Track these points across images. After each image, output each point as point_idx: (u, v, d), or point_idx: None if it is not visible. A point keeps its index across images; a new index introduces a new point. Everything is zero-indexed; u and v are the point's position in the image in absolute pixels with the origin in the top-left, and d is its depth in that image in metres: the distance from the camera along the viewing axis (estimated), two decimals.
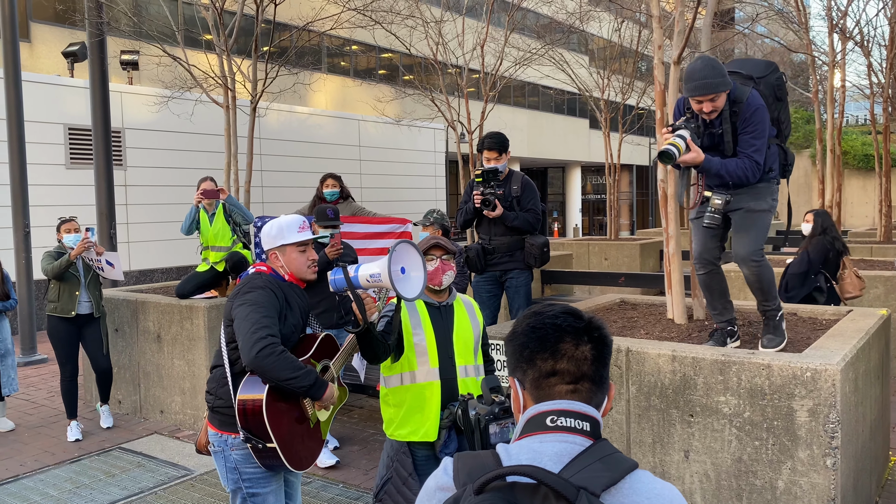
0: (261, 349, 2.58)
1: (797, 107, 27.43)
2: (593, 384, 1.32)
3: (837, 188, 8.89)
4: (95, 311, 5.87)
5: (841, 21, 8.85)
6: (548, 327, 1.33)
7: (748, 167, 3.45)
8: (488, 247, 5.44)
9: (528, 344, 1.34)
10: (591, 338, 1.33)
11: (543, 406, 1.30)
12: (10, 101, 8.73)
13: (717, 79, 3.35)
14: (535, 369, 1.32)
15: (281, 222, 2.94)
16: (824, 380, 3.15)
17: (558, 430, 1.27)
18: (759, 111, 3.48)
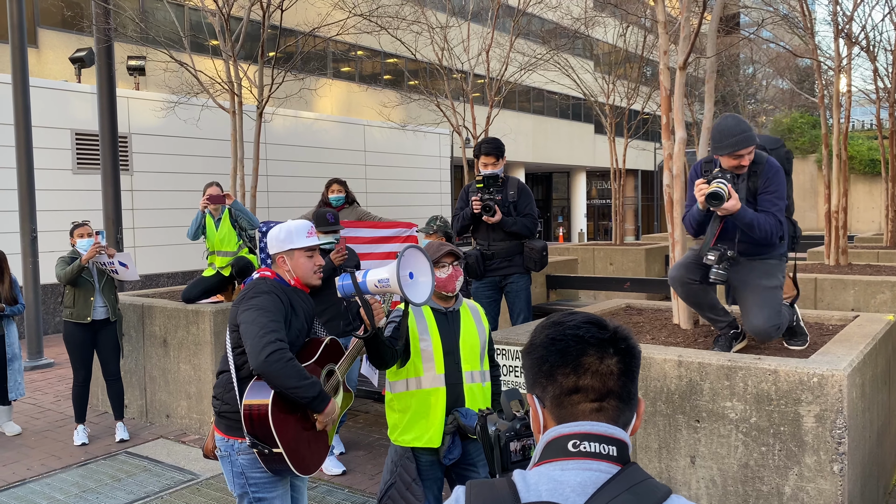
0: (270, 353, 2.59)
1: (803, 111, 27.39)
2: (620, 401, 1.21)
3: (844, 193, 8.86)
4: (112, 315, 5.84)
5: (847, 26, 8.84)
6: (569, 339, 1.22)
7: (774, 224, 3.51)
8: (487, 252, 5.45)
9: (548, 357, 1.22)
10: (618, 349, 1.22)
11: (565, 428, 1.19)
12: (17, 106, 8.78)
13: (749, 132, 3.45)
14: (555, 385, 1.21)
15: (290, 227, 2.96)
16: (831, 385, 3.14)
17: (582, 455, 1.16)
18: (780, 173, 3.58)
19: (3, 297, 5.93)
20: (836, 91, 8.69)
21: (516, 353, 4.12)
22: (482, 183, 5.34)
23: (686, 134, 4.57)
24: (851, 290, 6.99)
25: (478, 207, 5.25)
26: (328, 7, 10.67)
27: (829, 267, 8.43)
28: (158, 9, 16.42)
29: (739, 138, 3.45)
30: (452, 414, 2.98)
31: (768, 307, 3.65)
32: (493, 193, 5.35)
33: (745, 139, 3.44)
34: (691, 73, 19.13)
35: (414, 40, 11.86)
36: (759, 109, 25.23)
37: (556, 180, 38.58)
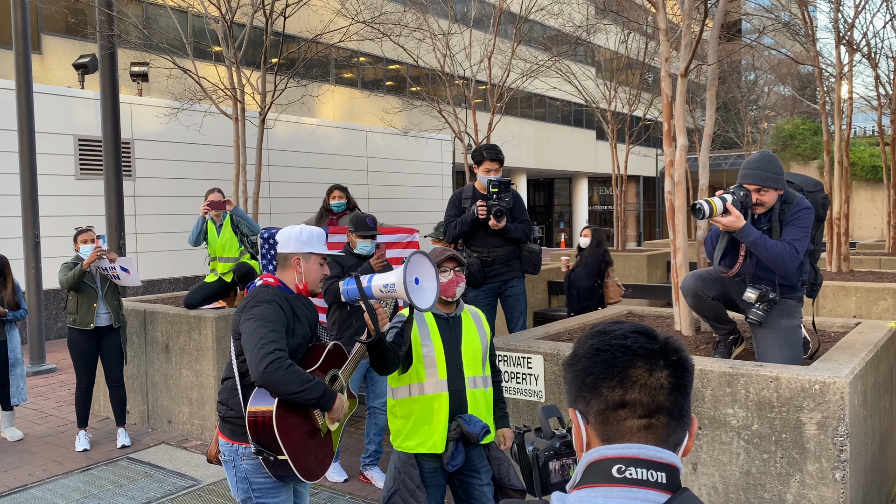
0: (268, 364, 2.59)
1: (805, 118, 27.41)
2: (671, 418, 1.11)
3: (845, 200, 8.87)
4: (115, 322, 5.84)
5: (848, 33, 8.86)
6: (615, 349, 1.13)
7: (787, 251, 3.45)
8: (487, 259, 5.42)
9: (592, 369, 1.14)
10: (669, 362, 1.12)
11: (610, 450, 1.10)
12: (21, 112, 8.81)
13: (768, 173, 3.42)
14: (600, 400, 1.12)
15: (311, 230, 2.96)
16: (833, 392, 3.14)
17: (627, 483, 1.07)
18: (807, 210, 3.54)
19: (6, 302, 5.94)
20: (838, 98, 8.70)
21: (518, 359, 4.13)
22: (497, 188, 5.29)
23: (688, 140, 4.58)
24: (853, 297, 6.99)
25: (483, 213, 5.18)
26: (331, 14, 10.71)
27: (830, 274, 8.43)
28: (161, 15, 16.49)
29: (750, 172, 3.44)
30: (456, 420, 2.99)
31: (789, 347, 3.61)
32: (503, 199, 5.31)
33: (756, 177, 3.41)
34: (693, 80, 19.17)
35: (416, 47, 11.89)
36: (761, 116, 25.25)
37: (558, 186, 38.61)
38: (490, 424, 3.09)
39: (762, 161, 3.46)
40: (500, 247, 5.40)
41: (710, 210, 3.38)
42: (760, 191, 3.45)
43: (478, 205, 5.27)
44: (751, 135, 22.62)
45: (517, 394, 4.15)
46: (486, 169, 5.33)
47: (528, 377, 4.10)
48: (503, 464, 3.13)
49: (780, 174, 3.46)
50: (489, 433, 3.03)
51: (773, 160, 3.47)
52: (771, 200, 3.49)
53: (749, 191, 3.48)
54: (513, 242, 5.45)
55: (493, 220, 5.26)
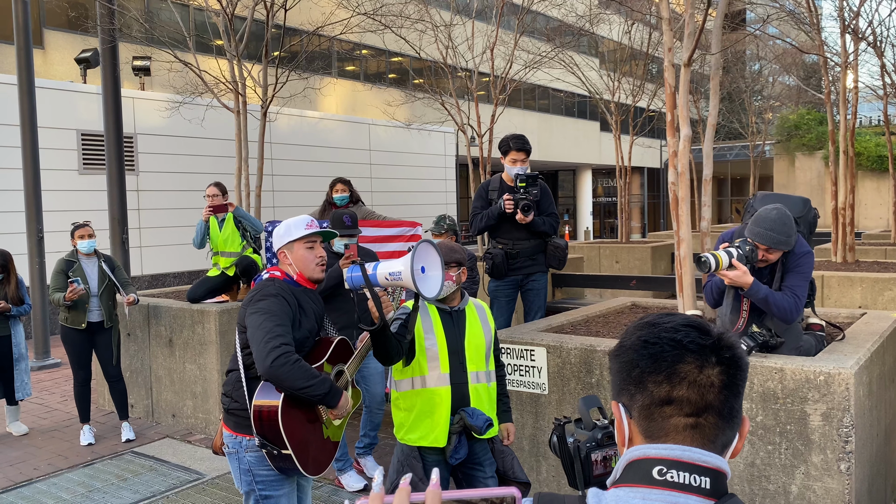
0: (275, 358, 2.59)
1: (809, 108, 27.26)
2: (720, 418, 1.05)
3: (851, 190, 8.81)
4: (106, 321, 5.86)
5: (853, 21, 8.79)
6: (664, 342, 1.08)
7: (793, 304, 3.50)
8: (512, 252, 5.34)
9: (639, 362, 1.09)
10: (721, 359, 1.06)
11: (652, 450, 1.05)
12: (23, 107, 8.80)
13: (781, 237, 3.40)
14: (645, 394, 1.08)
15: (289, 221, 2.99)
16: (838, 384, 3.12)
17: (668, 486, 1.01)
18: (808, 256, 3.58)
19: (10, 297, 5.95)
20: (843, 87, 8.64)
21: (521, 351, 4.12)
22: (525, 182, 5.19)
23: (691, 131, 4.55)
24: (859, 288, 6.96)
25: (510, 207, 5.08)
26: (332, 6, 10.67)
27: (836, 264, 8.39)
28: (163, 9, 16.45)
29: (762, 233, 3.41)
30: (459, 413, 2.98)
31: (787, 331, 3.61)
32: (530, 192, 5.21)
33: (769, 238, 3.39)
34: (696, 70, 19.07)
35: (418, 39, 11.85)
36: (766, 106, 25.12)
37: (562, 178, 38.52)
38: (493, 418, 3.08)
39: (777, 224, 3.42)
40: (526, 240, 5.32)
41: (715, 263, 3.39)
42: (769, 250, 3.46)
43: (504, 198, 5.15)
44: (755, 125, 22.51)
45: (520, 386, 4.13)
46: (513, 159, 5.22)
47: (531, 369, 4.09)
48: (507, 456, 3.12)
49: (791, 236, 3.44)
50: (492, 427, 3.02)
51: (788, 221, 3.44)
52: (776, 258, 3.52)
53: (756, 246, 3.47)
54: (539, 236, 5.38)
55: (520, 214, 5.15)
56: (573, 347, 3.94)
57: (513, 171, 5.26)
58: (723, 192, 40.51)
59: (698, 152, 23.65)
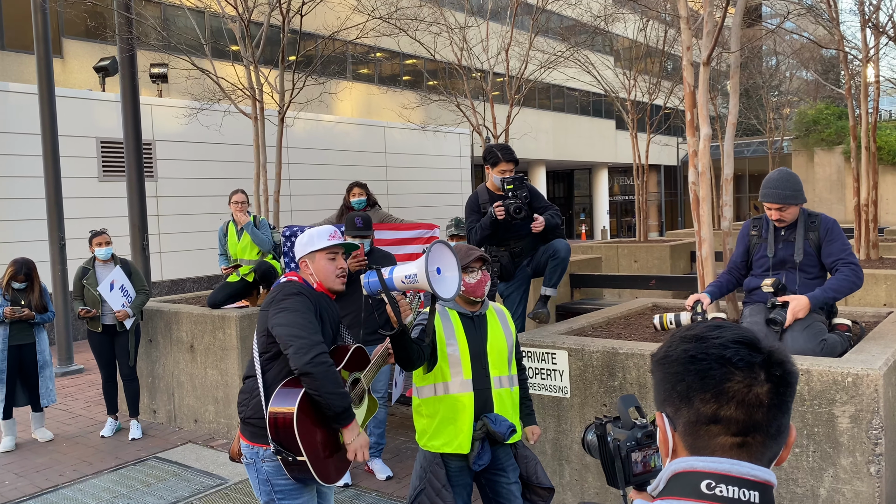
0: (316, 354, 2.61)
1: (828, 102, 26.97)
2: (767, 437, 1.03)
3: (873, 186, 8.69)
4: (118, 325, 6.12)
5: (874, 15, 8.67)
6: (712, 359, 1.04)
7: (850, 274, 3.59)
8: (515, 251, 5.25)
9: (685, 377, 1.06)
10: (771, 376, 1.03)
11: (700, 463, 1.03)
12: (44, 116, 8.91)
13: (787, 191, 3.55)
14: (691, 410, 1.05)
15: (312, 231, 3.00)
16: (866, 385, 3.08)
17: (716, 500, 1.00)
18: (834, 223, 3.72)
19: (33, 304, 6.02)
20: (864, 81, 8.53)
21: (542, 354, 4.10)
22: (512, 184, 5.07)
23: (711, 130, 4.50)
24: (883, 285, 6.86)
25: (502, 214, 4.97)
26: (347, 11, 10.70)
27: (859, 261, 8.28)
28: (179, 16, 16.59)
29: (770, 192, 3.58)
30: (481, 420, 2.96)
31: (810, 331, 3.57)
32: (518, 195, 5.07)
33: (776, 196, 3.55)
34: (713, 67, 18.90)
35: (433, 41, 11.85)
36: (784, 101, 24.88)
37: (578, 177, 38.37)
38: (516, 423, 3.06)
39: (781, 180, 3.57)
40: (524, 237, 5.24)
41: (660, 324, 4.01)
42: (782, 209, 3.57)
43: (495, 207, 5.04)
44: (773, 121, 22.29)
45: (542, 390, 4.11)
46: (502, 170, 5.14)
47: (552, 373, 4.07)
48: (530, 462, 3.10)
49: (799, 190, 3.57)
50: (515, 432, 3.00)
51: (792, 177, 3.58)
52: (792, 216, 3.62)
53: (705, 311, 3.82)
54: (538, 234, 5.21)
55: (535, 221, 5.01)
56: (595, 350, 3.92)
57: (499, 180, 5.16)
58: (741, 189, 40.16)
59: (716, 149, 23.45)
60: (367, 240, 4.82)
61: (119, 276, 6.08)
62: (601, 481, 3.93)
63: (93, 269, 6.11)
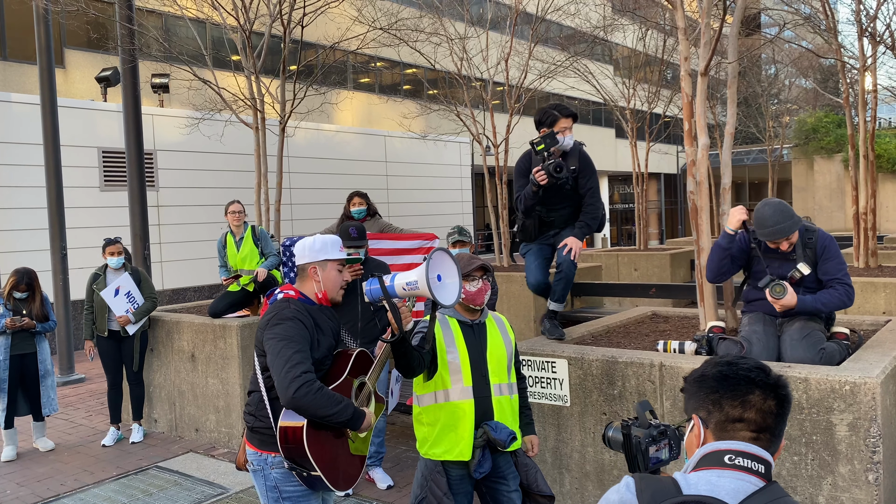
0: (297, 388, 2.58)
1: (828, 111, 27.02)
2: (772, 436, 1.47)
3: (872, 194, 8.72)
4: (122, 331, 6.24)
5: (871, 25, 8.73)
6: (740, 378, 1.49)
7: (842, 293, 3.62)
8: (546, 219, 4.83)
9: (718, 389, 1.51)
10: (778, 395, 1.48)
11: (723, 444, 1.45)
12: (46, 126, 8.96)
13: (786, 222, 3.57)
14: (721, 413, 1.49)
15: (325, 238, 2.96)
16: (864, 393, 3.09)
17: (736, 468, 1.41)
18: (830, 240, 3.73)
19: (35, 314, 6.05)
20: (862, 90, 8.57)
21: (542, 363, 4.11)
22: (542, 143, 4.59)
23: (709, 139, 4.53)
24: (882, 293, 6.88)
25: (543, 178, 4.47)
26: (348, 21, 10.77)
27: (858, 269, 8.30)
28: (181, 26, 16.67)
29: (773, 230, 3.58)
30: (482, 427, 2.98)
31: (810, 339, 3.59)
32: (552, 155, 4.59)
33: (780, 231, 3.57)
34: (712, 75, 18.98)
35: (433, 51, 11.91)
36: (783, 110, 24.94)
37: None
38: (516, 431, 3.08)
39: (777, 215, 3.57)
40: (562, 208, 4.76)
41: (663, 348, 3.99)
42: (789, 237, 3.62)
43: (535, 172, 4.56)
44: (773, 129, 22.35)
45: (542, 398, 4.13)
46: (562, 128, 4.64)
47: (552, 381, 4.09)
48: (531, 469, 3.11)
49: (793, 215, 3.59)
50: (516, 440, 3.02)
51: (783, 207, 3.60)
52: (796, 237, 3.66)
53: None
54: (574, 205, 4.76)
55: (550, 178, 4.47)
56: (595, 359, 3.94)
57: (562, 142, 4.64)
58: (741, 197, 40.17)
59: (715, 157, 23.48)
60: (361, 250, 4.86)
61: (126, 282, 6.19)
62: (601, 490, 3.94)
63: (104, 275, 6.28)
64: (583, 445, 4.00)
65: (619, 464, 3.87)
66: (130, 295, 6.21)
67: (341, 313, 4.67)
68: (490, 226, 12.10)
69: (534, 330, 8.70)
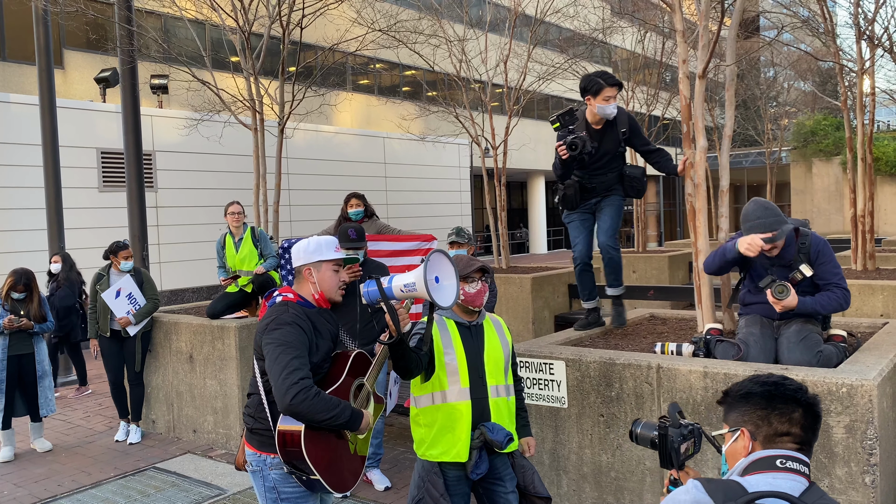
0: (294, 395, 2.58)
1: (826, 114, 27.07)
2: (810, 447, 1.73)
3: (870, 197, 8.73)
4: (123, 332, 6.28)
5: (869, 28, 8.75)
6: (787, 398, 1.73)
7: (840, 296, 3.59)
8: (588, 185, 4.85)
9: (766, 407, 1.74)
10: (814, 412, 1.73)
11: (773, 451, 1.69)
12: (45, 126, 8.96)
13: (770, 219, 3.51)
14: (770, 428, 1.71)
15: (319, 239, 2.95)
16: (861, 395, 3.10)
17: (788, 470, 1.64)
18: (825, 244, 3.68)
19: (33, 314, 6.05)
20: (860, 93, 8.58)
21: (540, 365, 4.12)
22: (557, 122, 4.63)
23: (707, 141, 4.53)
24: (880, 296, 6.89)
25: (564, 153, 4.52)
26: (347, 23, 10.77)
27: (856, 272, 8.31)
28: (180, 27, 16.68)
29: (754, 224, 3.54)
30: (479, 429, 2.98)
31: (807, 342, 3.59)
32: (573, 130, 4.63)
33: (762, 225, 3.50)
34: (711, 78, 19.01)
35: (432, 53, 11.92)
36: (782, 112, 24.98)
37: None
38: (513, 432, 3.08)
39: (759, 209, 3.54)
40: (602, 174, 4.83)
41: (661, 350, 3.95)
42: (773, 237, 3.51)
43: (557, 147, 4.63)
44: (771, 132, 22.38)
45: (539, 400, 4.13)
46: (606, 97, 4.62)
47: (550, 383, 4.09)
48: (527, 471, 3.12)
49: (780, 214, 3.54)
50: (513, 441, 3.02)
51: (767, 205, 3.56)
52: (782, 244, 3.58)
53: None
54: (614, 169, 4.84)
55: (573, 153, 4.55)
56: (592, 361, 3.94)
57: (606, 111, 4.65)
58: (739, 199, 40.21)
59: (713, 160, 23.51)
60: (360, 251, 4.86)
61: (128, 283, 6.23)
62: (598, 492, 3.95)
63: (107, 275, 6.32)
64: (580, 447, 4.00)
65: (616, 466, 3.88)
66: (132, 296, 6.25)
67: (340, 315, 4.67)
68: (489, 227, 12.11)
69: (532, 331, 8.70)
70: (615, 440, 3.87)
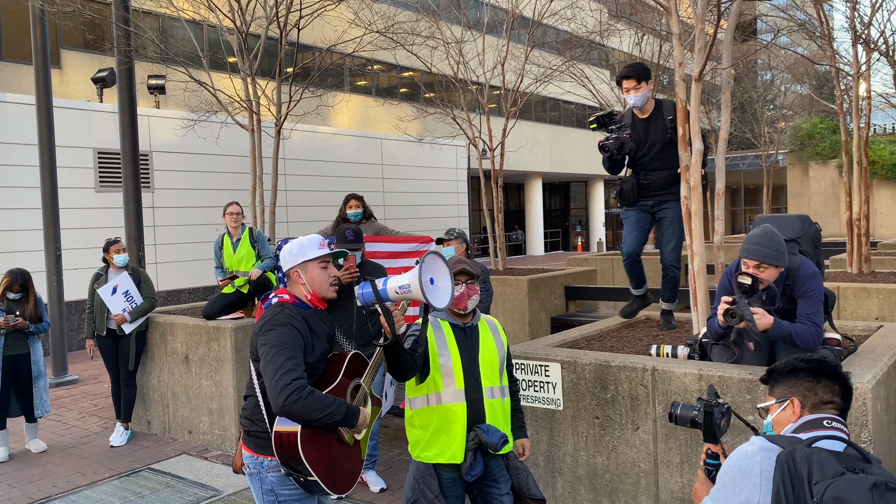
0: (287, 396, 2.59)
1: (823, 117, 27.13)
2: (845, 415, 2.01)
3: (865, 200, 8.76)
4: (118, 330, 6.30)
5: (865, 32, 8.77)
6: (829, 372, 2.01)
7: (814, 333, 3.42)
8: (644, 182, 4.91)
9: (812, 379, 2.01)
10: (848, 386, 2.02)
11: (819, 415, 1.97)
12: (41, 126, 8.94)
13: (769, 251, 3.33)
14: (817, 397, 1.99)
15: (302, 240, 2.95)
16: (855, 398, 3.11)
17: (833, 429, 1.91)
18: (815, 278, 3.50)
19: (28, 315, 6.03)
20: (856, 97, 8.61)
21: (535, 367, 4.12)
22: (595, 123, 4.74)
23: (703, 145, 4.55)
24: (875, 299, 6.91)
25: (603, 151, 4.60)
26: (344, 24, 10.78)
27: (851, 275, 8.33)
28: (177, 27, 16.67)
29: (752, 248, 3.36)
30: (474, 430, 2.98)
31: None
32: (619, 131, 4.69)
33: (755, 252, 3.34)
34: (708, 81, 19.05)
35: (430, 54, 11.92)
36: (778, 115, 25.03)
37: (574, 190, 38.50)
38: (508, 434, 3.08)
39: (763, 238, 3.37)
40: (658, 171, 4.87)
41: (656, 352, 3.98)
42: (760, 266, 3.35)
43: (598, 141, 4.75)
44: (768, 135, 22.42)
45: (535, 402, 4.14)
46: (626, 89, 4.73)
47: (545, 385, 4.10)
48: (522, 473, 3.12)
49: (781, 252, 3.36)
50: (507, 443, 3.02)
51: (775, 237, 3.38)
52: (771, 277, 3.38)
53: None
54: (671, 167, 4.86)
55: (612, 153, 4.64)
56: (588, 363, 3.95)
57: (629, 101, 4.74)
58: (736, 202, 40.29)
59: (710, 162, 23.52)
60: (358, 252, 4.86)
61: (124, 281, 6.24)
62: (593, 494, 3.95)
63: (105, 274, 6.34)
64: (575, 449, 4.00)
65: (611, 468, 3.88)
66: (128, 294, 6.26)
67: (337, 315, 4.68)
68: (486, 229, 12.12)
69: (528, 333, 8.71)
70: (610, 442, 3.87)
